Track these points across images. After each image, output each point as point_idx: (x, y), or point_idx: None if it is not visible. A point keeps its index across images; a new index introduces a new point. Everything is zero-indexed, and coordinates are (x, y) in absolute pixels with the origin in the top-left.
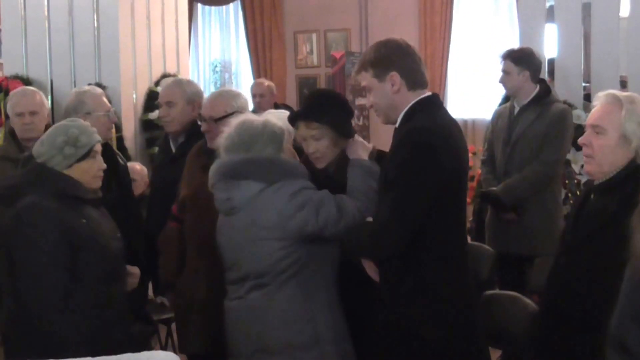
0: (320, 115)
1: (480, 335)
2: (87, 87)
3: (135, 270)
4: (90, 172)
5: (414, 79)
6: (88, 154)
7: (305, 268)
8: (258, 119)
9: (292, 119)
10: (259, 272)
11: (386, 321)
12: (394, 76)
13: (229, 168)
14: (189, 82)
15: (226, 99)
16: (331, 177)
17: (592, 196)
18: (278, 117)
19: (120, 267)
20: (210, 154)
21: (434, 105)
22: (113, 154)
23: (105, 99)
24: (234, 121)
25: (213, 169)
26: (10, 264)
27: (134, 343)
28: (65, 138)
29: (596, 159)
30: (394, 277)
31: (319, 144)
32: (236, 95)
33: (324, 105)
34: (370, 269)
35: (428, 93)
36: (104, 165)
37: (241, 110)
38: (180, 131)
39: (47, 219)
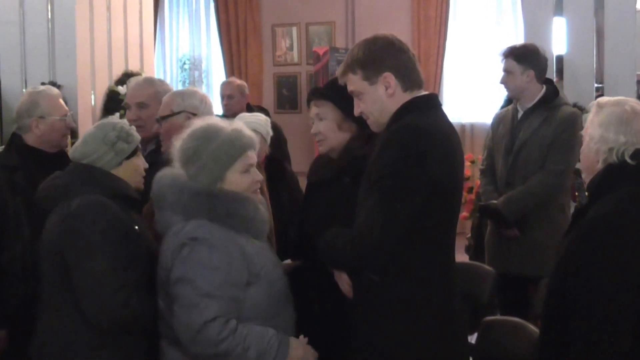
0: (330, 93)
1: None
2: (42, 87)
3: None
4: (139, 170)
5: (410, 79)
6: (137, 149)
7: None
8: (222, 130)
9: (308, 100)
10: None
11: (359, 346)
12: (388, 77)
13: (155, 190)
14: (162, 82)
15: (174, 97)
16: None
17: None
18: (252, 123)
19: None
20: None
21: (430, 105)
22: (68, 162)
23: (61, 101)
24: (194, 125)
25: (158, 180)
26: (63, 272)
27: None
28: (117, 133)
29: (581, 165)
30: (368, 295)
31: (322, 125)
32: (188, 94)
33: (335, 84)
34: (343, 282)
35: (424, 92)
36: (147, 164)
37: (191, 110)
38: (151, 137)
39: (107, 217)
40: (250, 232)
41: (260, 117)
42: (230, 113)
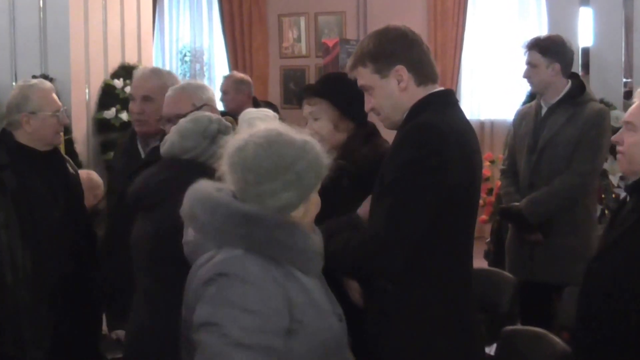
0: (324, 90)
1: None
2: (34, 81)
3: None
4: None
5: (423, 73)
6: None
7: None
8: (307, 142)
9: (299, 99)
10: None
11: (370, 358)
12: (400, 70)
13: (186, 204)
14: (170, 74)
15: (192, 91)
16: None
17: (627, 198)
18: (261, 118)
19: None
20: None
21: (447, 102)
22: (62, 161)
23: (54, 96)
24: (267, 132)
25: (190, 194)
26: (168, 268)
27: None
28: (217, 125)
29: (626, 157)
30: (380, 304)
31: (317, 125)
32: (202, 87)
33: (329, 80)
34: (354, 291)
35: (440, 88)
36: None
37: (212, 103)
38: (154, 132)
39: None
40: (297, 265)
41: (268, 112)
42: (228, 110)
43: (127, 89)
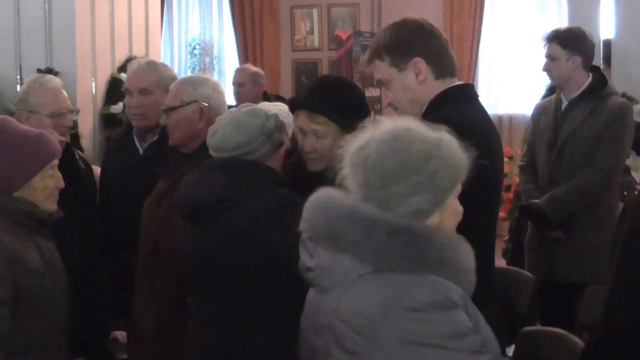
0: (331, 109)
1: None
2: (46, 77)
3: None
4: (281, 162)
5: (442, 66)
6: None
7: None
8: (442, 140)
9: (295, 106)
10: None
11: None
12: (418, 62)
13: (319, 221)
14: (165, 66)
15: (184, 86)
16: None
17: None
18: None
19: None
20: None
21: (467, 96)
22: (72, 156)
23: (60, 96)
24: (394, 128)
25: (325, 208)
26: (257, 276)
27: None
28: (274, 122)
29: None
30: None
31: (320, 143)
32: (199, 82)
33: (337, 98)
34: None
35: (460, 82)
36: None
37: (203, 100)
38: (152, 127)
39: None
40: (463, 286)
41: (282, 107)
42: (241, 102)
43: None
